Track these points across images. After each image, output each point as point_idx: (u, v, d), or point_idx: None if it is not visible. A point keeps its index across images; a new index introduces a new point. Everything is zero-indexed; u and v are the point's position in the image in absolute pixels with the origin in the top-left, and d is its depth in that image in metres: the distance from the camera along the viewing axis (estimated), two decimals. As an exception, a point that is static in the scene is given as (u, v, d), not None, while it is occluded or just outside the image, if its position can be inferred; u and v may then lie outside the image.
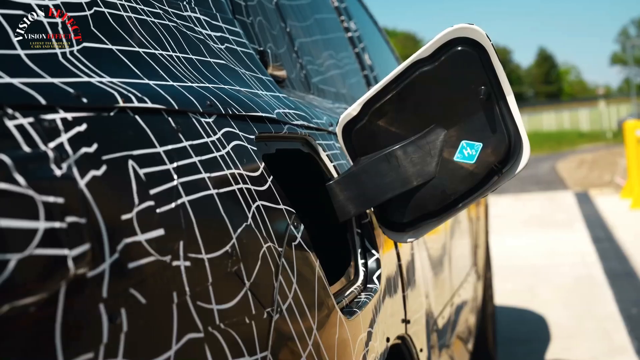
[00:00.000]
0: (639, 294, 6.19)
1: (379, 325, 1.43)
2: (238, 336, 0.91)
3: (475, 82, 1.35)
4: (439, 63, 1.35)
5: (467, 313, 3.26)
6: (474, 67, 1.34)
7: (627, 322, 5.32)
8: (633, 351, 4.64)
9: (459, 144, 1.39)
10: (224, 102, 1.09)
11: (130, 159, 0.82)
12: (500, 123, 1.37)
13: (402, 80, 1.37)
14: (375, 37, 3.23)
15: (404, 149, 1.39)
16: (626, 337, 4.95)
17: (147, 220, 0.80)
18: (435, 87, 1.37)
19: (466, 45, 1.33)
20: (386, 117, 1.40)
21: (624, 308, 5.72)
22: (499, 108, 1.36)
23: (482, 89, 1.34)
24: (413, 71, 1.36)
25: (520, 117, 1.36)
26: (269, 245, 1.03)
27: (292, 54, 1.86)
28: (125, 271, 0.75)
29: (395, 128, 1.41)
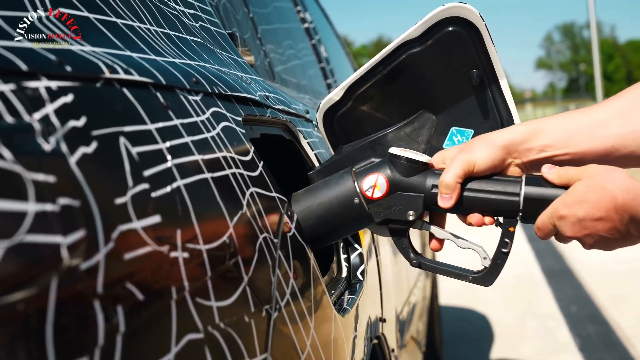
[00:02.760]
0: (577, 291, 6.27)
1: (365, 323, 1.35)
2: (238, 337, 0.81)
3: (466, 64, 1.27)
4: (429, 44, 1.26)
5: (420, 312, 3.21)
6: (466, 48, 1.26)
7: (568, 319, 5.38)
8: (576, 348, 4.68)
9: (449, 130, 1.31)
10: (209, 80, 1.00)
11: (121, 135, 0.72)
12: (492, 108, 1.29)
13: (388, 62, 1.28)
14: (328, 31, 3.15)
15: (389, 136, 1.30)
16: (568, 335, 4.99)
17: (142, 205, 0.70)
18: (424, 70, 1.29)
19: (458, 26, 1.25)
20: (371, 102, 1.32)
21: (564, 306, 5.79)
22: (492, 93, 1.29)
23: (474, 72, 1.27)
24: (400, 53, 1.27)
25: (513, 102, 1.29)
26: (265, 236, 0.94)
27: (256, 41, 1.76)
28: (121, 263, 0.65)
29: (380, 114, 1.32)
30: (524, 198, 1.13)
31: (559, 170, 1.11)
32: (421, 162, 1.17)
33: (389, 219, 1.18)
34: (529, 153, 1.16)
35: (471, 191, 1.15)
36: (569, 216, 1.07)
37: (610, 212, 1.02)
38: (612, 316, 5.33)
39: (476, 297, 6.24)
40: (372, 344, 1.49)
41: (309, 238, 1.15)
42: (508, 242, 1.18)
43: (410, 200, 1.17)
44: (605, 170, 1.06)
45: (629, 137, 1.14)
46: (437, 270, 1.24)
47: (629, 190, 1.00)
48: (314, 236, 1.16)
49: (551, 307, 5.82)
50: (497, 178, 1.15)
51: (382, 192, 1.17)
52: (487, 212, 1.16)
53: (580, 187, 1.07)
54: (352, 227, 1.22)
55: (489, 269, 1.20)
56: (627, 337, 4.80)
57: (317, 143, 1.45)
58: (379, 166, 1.19)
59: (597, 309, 5.60)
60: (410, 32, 1.26)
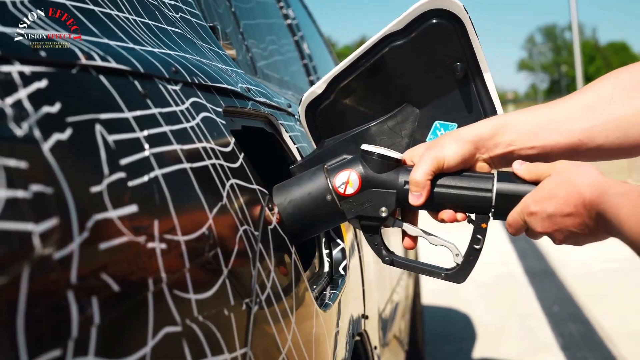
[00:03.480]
0: (559, 291, 6.29)
1: (347, 319, 1.33)
2: (217, 330, 0.79)
3: (450, 57, 1.26)
4: (412, 37, 1.25)
5: (403, 311, 3.20)
6: (449, 41, 1.24)
7: (550, 319, 5.39)
8: (558, 348, 4.69)
9: (432, 124, 1.30)
10: (188, 70, 0.98)
11: (97, 123, 0.70)
12: (476, 102, 1.28)
13: (371, 55, 1.27)
14: (311, 28, 3.14)
15: (372, 129, 1.29)
16: (550, 334, 5.00)
17: (118, 194, 0.68)
18: (407, 63, 1.27)
19: (442, 18, 1.23)
20: (354, 95, 1.30)
21: (546, 306, 5.81)
22: (475, 86, 1.28)
23: (458, 66, 1.26)
24: (383, 46, 1.26)
25: (497, 96, 1.28)
26: (246, 228, 0.92)
27: (238, 35, 1.74)
28: (96, 253, 0.63)
29: (363, 107, 1.31)
30: (496, 194, 1.13)
31: (529, 167, 1.11)
32: (393, 159, 1.16)
33: (362, 215, 1.17)
34: (496, 148, 1.16)
35: (443, 187, 1.14)
36: (539, 212, 1.07)
37: (579, 207, 1.02)
38: (593, 316, 5.35)
39: (458, 297, 6.24)
40: (354, 341, 1.47)
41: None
42: (480, 239, 1.18)
43: (382, 196, 1.16)
44: (574, 166, 1.06)
45: (595, 130, 1.14)
46: (410, 268, 1.23)
47: (597, 187, 1.00)
48: (286, 233, 1.15)
49: (533, 306, 5.83)
50: (468, 174, 1.15)
51: (354, 188, 1.16)
52: (460, 209, 1.16)
53: (549, 183, 1.07)
54: (324, 224, 1.21)
55: (461, 266, 1.20)
56: (608, 336, 4.82)
57: (299, 137, 1.43)
58: (351, 162, 1.18)
59: (579, 309, 5.62)
60: (394, 24, 1.24)
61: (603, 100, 1.15)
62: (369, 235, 1.21)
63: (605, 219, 0.96)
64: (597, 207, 0.98)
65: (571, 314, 5.49)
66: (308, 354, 1.06)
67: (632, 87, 1.14)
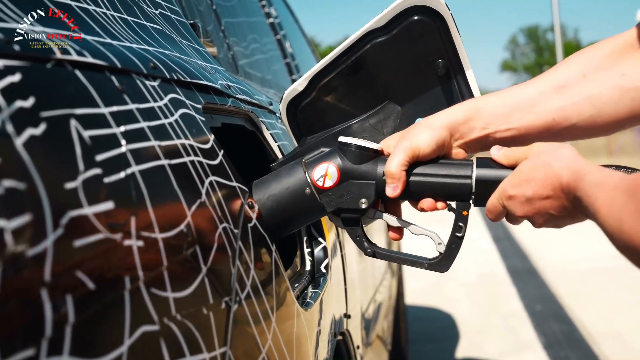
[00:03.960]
0: (541, 290, 6.31)
1: (329, 318, 1.32)
2: (196, 329, 0.78)
3: (432, 54, 1.25)
4: (394, 34, 1.24)
5: (386, 311, 3.20)
6: (431, 38, 1.24)
7: (533, 318, 5.40)
8: (540, 346, 4.70)
9: (414, 121, 1.29)
10: (167, 66, 0.97)
11: (72, 118, 0.68)
12: (458, 99, 1.27)
13: (352, 52, 1.26)
14: (293, 27, 3.12)
15: (354, 127, 1.28)
16: (533, 333, 5.02)
17: (94, 190, 0.67)
18: (389, 60, 1.26)
19: (423, 15, 1.22)
20: (335, 92, 1.29)
21: (528, 304, 5.82)
22: (457, 83, 1.27)
23: (440, 63, 1.25)
24: (365, 43, 1.25)
25: (479, 93, 1.28)
26: (225, 226, 0.91)
27: (219, 33, 1.73)
28: (71, 250, 0.62)
29: (345, 105, 1.30)
30: (475, 180, 1.12)
31: (507, 151, 1.11)
32: (371, 149, 1.15)
33: (342, 208, 1.16)
34: (470, 132, 1.16)
35: (421, 176, 1.14)
36: (518, 196, 1.06)
37: (557, 190, 1.01)
38: (575, 314, 5.37)
39: (441, 297, 6.25)
40: (337, 341, 1.47)
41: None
42: (462, 226, 1.17)
43: (362, 188, 1.15)
44: (551, 148, 1.06)
45: (569, 109, 1.14)
46: (392, 259, 1.23)
47: (574, 171, 0.99)
48: (266, 229, 1.14)
49: (516, 305, 5.85)
50: (446, 162, 1.15)
51: (333, 181, 1.15)
52: (440, 197, 1.15)
53: (526, 166, 1.06)
54: (304, 218, 1.20)
55: (444, 255, 1.19)
56: (590, 335, 4.84)
57: (280, 135, 1.42)
58: (329, 155, 1.17)
59: (561, 308, 5.64)
60: (375, 21, 1.23)
61: (575, 78, 1.15)
62: (350, 228, 1.20)
63: (581, 205, 0.96)
64: (574, 192, 0.98)
65: (554, 312, 5.51)
66: (289, 353, 1.05)
67: (603, 65, 1.14)
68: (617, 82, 1.13)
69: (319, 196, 1.16)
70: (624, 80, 1.13)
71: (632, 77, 1.13)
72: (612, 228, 0.87)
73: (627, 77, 1.13)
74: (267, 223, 1.13)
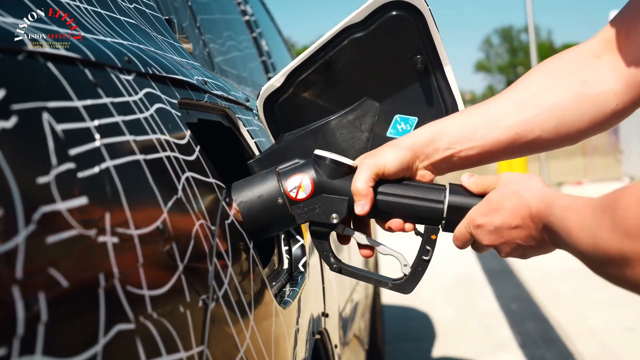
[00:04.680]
0: (517, 290, 6.34)
1: (307, 317, 1.30)
2: (172, 328, 0.76)
3: (410, 50, 1.24)
4: (372, 29, 1.23)
5: (362, 310, 3.19)
6: (409, 34, 1.23)
7: (509, 317, 5.43)
8: (516, 345, 4.72)
9: (393, 118, 1.28)
10: (142, 60, 0.95)
11: (44, 111, 0.66)
12: (437, 95, 1.27)
13: (330, 48, 1.24)
14: (269, 25, 3.11)
15: (332, 123, 1.27)
16: (509, 332, 5.04)
17: (68, 185, 0.65)
18: (367, 55, 1.25)
19: (402, 10, 1.21)
20: (313, 88, 1.27)
21: (505, 304, 5.85)
22: (436, 79, 1.26)
23: (418, 58, 1.24)
24: (343, 38, 1.24)
25: (457, 89, 1.27)
26: (202, 222, 0.89)
27: (194, 30, 1.71)
28: (43, 246, 0.60)
29: (322, 101, 1.28)
30: (448, 206, 1.12)
31: (476, 179, 1.12)
32: (346, 165, 1.15)
33: (312, 221, 1.15)
34: (435, 153, 1.16)
35: (393, 196, 1.14)
36: (486, 224, 1.06)
37: (527, 219, 1.02)
38: (551, 313, 5.40)
39: (418, 297, 6.25)
40: (315, 339, 1.45)
41: None
42: (429, 250, 1.17)
43: (334, 203, 1.14)
44: (520, 178, 1.07)
45: (531, 122, 1.14)
46: (357, 276, 1.22)
47: (544, 199, 1.00)
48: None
49: (492, 305, 5.87)
50: (419, 185, 1.15)
51: (306, 193, 1.14)
52: (410, 218, 1.15)
53: (495, 195, 1.07)
54: (274, 227, 1.19)
55: (409, 277, 1.19)
56: (565, 333, 4.86)
57: (257, 131, 1.40)
58: (304, 167, 1.16)
59: (537, 307, 5.67)
60: (353, 16, 1.22)
61: (535, 91, 1.15)
62: (318, 242, 1.19)
63: (552, 231, 0.96)
64: (544, 219, 0.98)
65: (529, 312, 5.53)
66: (267, 352, 1.03)
67: (563, 74, 1.15)
68: (578, 90, 1.13)
69: (290, 207, 1.15)
70: (584, 88, 1.13)
71: (593, 84, 1.13)
72: (585, 246, 0.87)
73: (588, 84, 1.13)
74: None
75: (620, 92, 1.12)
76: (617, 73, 1.12)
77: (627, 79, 1.11)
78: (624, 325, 4.89)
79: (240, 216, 1.10)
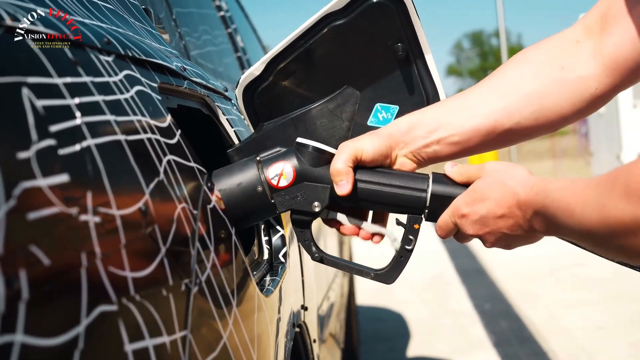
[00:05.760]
0: (490, 289, 6.36)
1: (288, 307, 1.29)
2: (155, 311, 0.75)
3: (391, 38, 1.23)
4: (352, 17, 1.21)
5: (338, 309, 3.18)
6: (390, 21, 1.22)
7: (482, 316, 5.44)
8: (490, 344, 4.73)
9: (373, 106, 1.27)
10: (121, 43, 0.93)
11: (24, 86, 0.65)
12: (418, 84, 1.26)
13: (310, 35, 1.23)
14: (243, 22, 3.09)
15: (313, 112, 1.25)
16: (483, 331, 5.05)
17: (48, 162, 0.63)
18: (347, 43, 1.24)
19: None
20: (293, 77, 1.26)
21: (478, 304, 5.87)
22: (417, 68, 1.25)
23: (399, 46, 1.23)
24: (323, 26, 1.22)
25: (439, 77, 1.26)
26: (184, 206, 0.88)
27: (171, 22, 1.69)
28: (24, 223, 0.58)
29: (302, 89, 1.27)
30: (431, 195, 1.11)
31: (460, 168, 1.11)
32: (329, 153, 1.14)
33: (293, 209, 1.14)
34: (414, 141, 1.15)
35: (375, 184, 1.13)
36: (471, 214, 1.06)
37: (513, 208, 1.01)
38: (524, 312, 5.42)
39: (392, 297, 6.27)
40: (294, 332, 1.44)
41: None
42: (412, 239, 1.16)
43: (316, 191, 1.13)
44: (504, 167, 1.06)
45: (510, 108, 1.14)
46: (339, 266, 1.21)
47: (531, 186, 0.99)
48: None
49: (465, 305, 5.89)
50: (402, 173, 1.14)
51: (288, 181, 1.13)
52: (391, 207, 1.14)
53: (480, 184, 1.06)
54: (253, 217, 1.17)
55: (391, 267, 1.18)
56: (539, 331, 4.89)
57: (236, 121, 1.39)
58: (286, 155, 1.15)
59: (510, 306, 5.69)
60: (334, 3, 1.21)
61: (513, 78, 1.15)
62: (300, 231, 1.18)
63: (547, 216, 0.95)
64: (535, 206, 0.97)
65: (502, 311, 5.55)
66: (250, 339, 1.02)
67: (541, 60, 1.14)
68: (556, 76, 1.13)
69: (271, 195, 1.13)
70: (563, 73, 1.13)
71: (571, 68, 1.13)
72: (593, 221, 0.86)
73: (567, 69, 1.13)
74: None
75: (599, 75, 1.12)
76: (597, 57, 1.11)
77: (607, 63, 1.11)
78: (597, 324, 4.92)
79: (222, 203, 1.09)
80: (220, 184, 1.12)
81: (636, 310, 5.10)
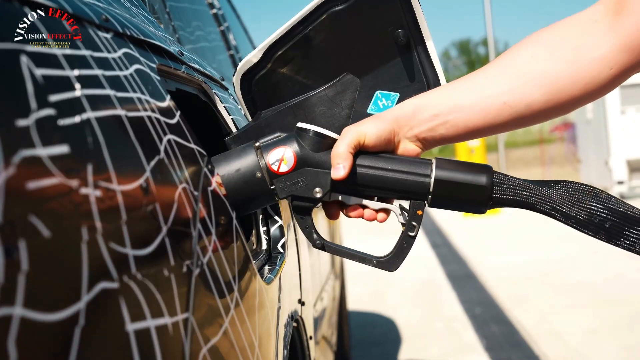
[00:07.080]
0: (480, 294, 6.36)
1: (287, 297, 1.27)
2: (157, 291, 0.72)
3: (392, 24, 1.21)
4: (352, 2, 1.19)
5: (330, 312, 3.15)
6: (391, 7, 1.20)
7: (473, 321, 5.43)
8: (482, 349, 4.72)
9: (373, 94, 1.25)
10: (119, 21, 0.91)
11: (23, 54, 0.62)
12: (419, 71, 1.24)
13: (309, 22, 1.21)
14: (235, 21, 3.07)
15: (312, 100, 1.23)
16: (474, 336, 5.04)
17: (48, 131, 0.61)
18: (347, 30, 1.22)
19: None
20: (291, 64, 1.24)
21: (469, 308, 5.86)
22: (418, 54, 1.23)
23: (400, 32, 1.21)
24: (322, 12, 1.20)
25: (440, 65, 1.24)
26: (184, 186, 0.86)
27: (164, 14, 1.67)
28: (23, 192, 0.56)
29: (301, 77, 1.25)
30: (434, 180, 1.09)
31: None
32: (330, 137, 1.11)
33: (294, 195, 1.12)
34: (420, 124, 1.13)
35: (377, 169, 1.10)
36: None
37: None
38: (515, 317, 5.42)
39: (383, 303, 6.25)
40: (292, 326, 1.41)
41: None
42: (415, 226, 1.14)
43: (317, 176, 1.11)
44: None
45: (520, 90, 1.10)
46: (341, 253, 1.18)
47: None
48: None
49: (456, 309, 5.88)
50: (405, 158, 1.12)
51: (289, 166, 1.10)
52: (394, 193, 1.12)
53: None
54: (252, 203, 1.15)
55: (394, 254, 1.15)
56: (530, 336, 4.88)
57: (233, 109, 1.37)
58: (286, 140, 1.12)
59: (501, 310, 5.68)
60: None
61: (524, 59, 1.11)
62: (301, 217, 1.16)
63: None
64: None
65: (493, 315, 5.54)
66: (251, 324, 0.99)
67: (553, 43, 1.10)
68: (569, 56, 1.09)
69: (272, 181, 1.11)
70: (576, 53, 1.08)
71: (585, 48, 1.08)
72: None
73: (580, 48, 1.08)
74: None
75: (615, 55, 1.08)
76: (614, 37, 1.07)
77: (624, 42, 1.07)
78: (588, 327, 4.92)
79: (222, 188, 1.06)
80: (219, 170, 1.09)
81: (627, 313, 5.10)
